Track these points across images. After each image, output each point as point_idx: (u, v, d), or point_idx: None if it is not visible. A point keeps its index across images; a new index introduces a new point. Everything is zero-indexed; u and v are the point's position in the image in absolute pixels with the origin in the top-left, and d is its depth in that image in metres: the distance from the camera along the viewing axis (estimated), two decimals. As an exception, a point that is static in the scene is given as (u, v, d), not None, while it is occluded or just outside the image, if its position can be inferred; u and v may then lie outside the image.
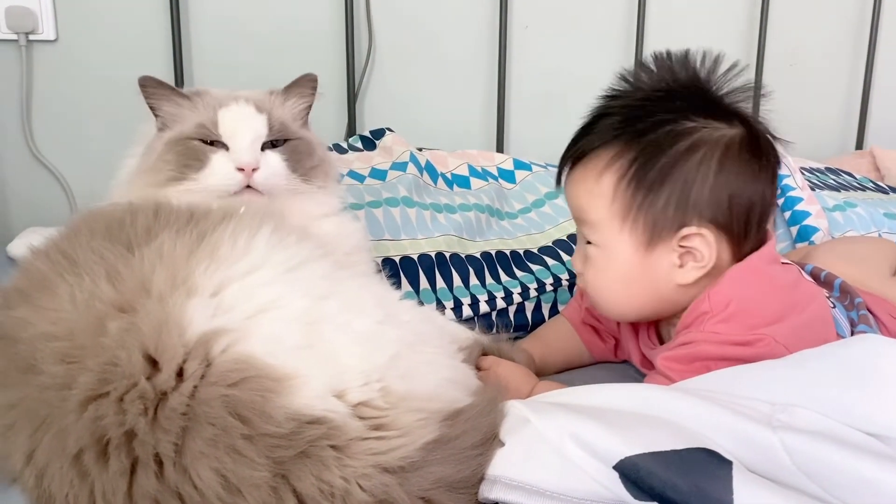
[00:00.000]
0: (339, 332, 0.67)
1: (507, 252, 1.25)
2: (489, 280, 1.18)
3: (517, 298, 1.16)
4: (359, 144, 1.48)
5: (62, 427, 0.60)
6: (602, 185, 0.86)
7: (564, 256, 1.26)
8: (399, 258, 1.17)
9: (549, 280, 1.20)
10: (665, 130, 0.85)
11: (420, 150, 1.45)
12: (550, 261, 1.25)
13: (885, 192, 1.62)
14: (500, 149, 1.72)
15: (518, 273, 1.21)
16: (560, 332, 1.07)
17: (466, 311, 1.12)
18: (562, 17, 1.76)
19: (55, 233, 0.77)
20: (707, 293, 0.84)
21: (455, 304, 1.12)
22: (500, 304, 1.14)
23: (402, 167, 1.37)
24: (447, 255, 1.19)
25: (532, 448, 0.63)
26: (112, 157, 0.97)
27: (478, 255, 1.22)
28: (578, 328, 1.06)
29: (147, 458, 0.59)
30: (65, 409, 0.60)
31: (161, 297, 0.64)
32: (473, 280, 1.17)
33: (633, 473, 0.58)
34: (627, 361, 1.03)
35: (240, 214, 0.76)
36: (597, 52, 1.79)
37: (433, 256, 1.19)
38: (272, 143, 0.93)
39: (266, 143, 0.92)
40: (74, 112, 1.48)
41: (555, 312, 1.16)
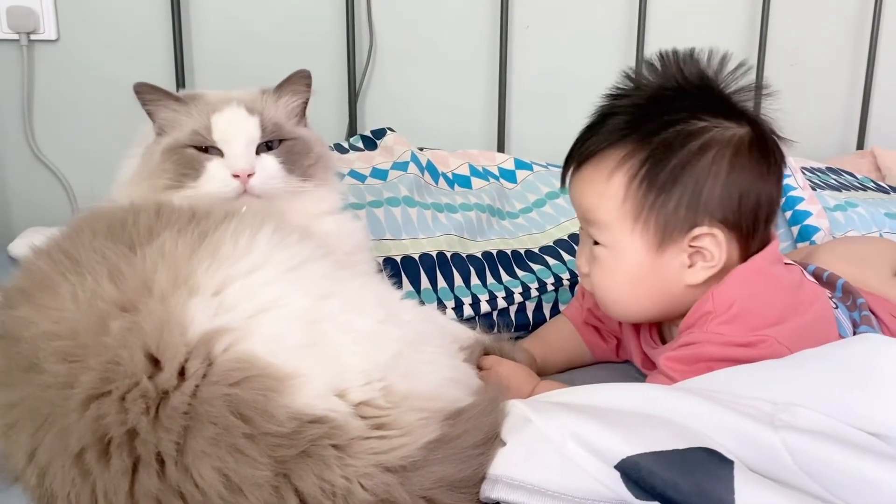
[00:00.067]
0: (341, 332, 0.67)
1: (509, 251, 1.25)
2: (490, 280, 1.18)
3: (518, 298, 1.16)
4: (360, 144, 1.48)
5: (64, 426, 0.60)
6: (612, 186, 0.86)
7: (566, 256, 1.26)
8: (400, 258, 1.17)
9: (551, 280, 1.20)
10: (676, 130, 0.84)
11: (421, 150, 1.45)
12: (552, 260, 1.25)
13: (886, 192, 1.61)
14: (501, 148, 1.72)
15: (519, 272, 1.21)
16: (561, 332, 1.06)
17: (468, 311, 1.12)
18: (563, 17, 1.76)
19: (57, 232, 0.77)
20: (710, 293, 0.84)
21: (456, 304, 1.12)
22: (502, 304, 1.14)
23: (404, 167, 1.37)
24: (448, 255, 1.19)
25: (533, 447, 0.63)
26: (113, 157, 0.97)
27: (479, 255, 1.22)
28: (580, 328, 1.06)
29: (149, 458, 0.59)
30: (67, 408, 0.60)
31: (163, 297, 0.64)
32: (475, 279, 1.17)
33: (635, 473, 0.58)
34: (629, 361, 1.03)
35: (241, 214, 0.76)
36: (598, 52, 1.79)
37: (434, 256, 1.18)
38: (267, 145, 0.92)
39: (261, 146, 0.91)
40: (76, 112, 1.49)
41: (556, 312, 1.15)
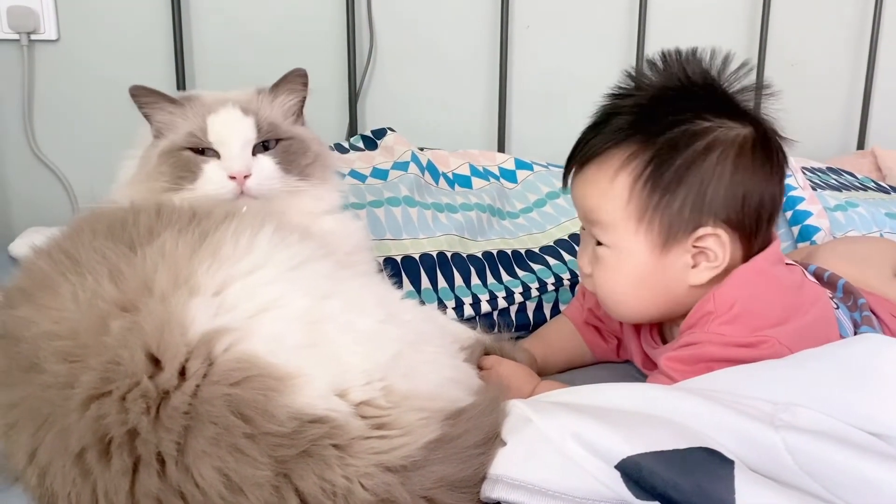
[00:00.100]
0: (341, 332, 0.67)
1: (509, 251, 1.25)
2: (491, 279, 1.18)
3: (519, 298, 1.16)
4: (360, 144, 1.48)
5: (64, 426, 0.60)
6: (617, 186, 0.85)
7: (566, 256, 1.26)
8: (401, 258, 1.17)
9: (551, 279, 1.20)
10: (681, 130, 0.84)
11: (421, 150, 1.45)
12: (552, 260, 1.25)
13: (887, 192, 1.62)
14: (502, 148, 1.72)
15: (520, 272, 1.21)
16: (562, 332, 1.06)
17: (468, 311, 1.12)
18: (563, 17, 1.76)
19: (57, 232, 0.77)
20: (712, 293, 0.84)
21: (457, 304, 1.12)
22: (502, 304, 1.14)
23: (404, 167, 1.37)
24: (449, 255, 1.19)
25: (534, 447, 0.63)
26: (113, 157, 0.97)
27: (479, 255, 1.22)
28: (580, 328, 1.06)
29: (149, 457, 0.59)
30: (67, 408, 0.60)
31: (163, 297, 0.64)
32: (475, 279, 1.17)
33: (635, 473, 0.58)
34: (629, 361, 1.03)
35: (242, 214, 0.76)
36: (598, 52, 1.79)
37: (435, 256, 1.18)
38: (264, 145, 0.92)
39: (258, 146, 0.91)
40: (76, 112, 1.49)
41: (556, 312, 1.15)
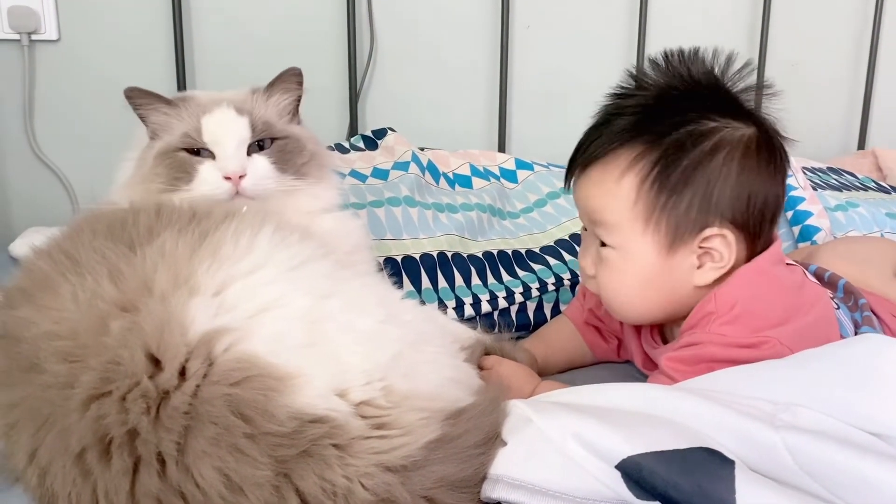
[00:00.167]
0: (342, 331, 0.67)
1: (509, 251, 1.25)
2: (491, 279, 1.18)
3: (519, 298, 1.16)
4: (361, 144, 1.48)
5: (65, 426, 0.60)
6: (623, 187, 0.85)
7: (566, 256, 1.25)
8: (401, 258, 1.17)
9: (551, 279, 1.20)
10: (687, 130, 0.83)
11: (422, 150, 1.45)
12: (552, 260, 1.25)
13: (887, 192, 1.62)
14: (502, 148, 1.72)
15: (520, 272, 1.21)
16: (562, 332, 1.06)
17: (468, 311, 1.12)
18: (563, 18, 1.76)
19: (57, 232, 0.77)
20: (713, 294, 0.84)
21: (457, 304, 1.12)
22: (502, 304, 1.14)
23: (404, 167, 1.37)
24: (449, 255, 1.19)
25: (534, 447, 0.63)
26: (113, 157, 0.97)
27: (480, 255, 1.22)
28: (581, 328, 1.06)
29: (149, 458, 0.59)
30: (67, 409, 0.60)
31: (163, 297, 0.64)
32: (475, 279, 1.17)
33: (636, 473, 0.58)
34: (630, 361, 1.03)
35: (242, 214, 0.76)
36: (599, 53, 1.79)
37: (435, 256, 1.18)
38: (259, 145, 0.92)
39: (252, 146, 0.91)
40: (76, 112, 1.49)
41: (557, 312, 1.15)
